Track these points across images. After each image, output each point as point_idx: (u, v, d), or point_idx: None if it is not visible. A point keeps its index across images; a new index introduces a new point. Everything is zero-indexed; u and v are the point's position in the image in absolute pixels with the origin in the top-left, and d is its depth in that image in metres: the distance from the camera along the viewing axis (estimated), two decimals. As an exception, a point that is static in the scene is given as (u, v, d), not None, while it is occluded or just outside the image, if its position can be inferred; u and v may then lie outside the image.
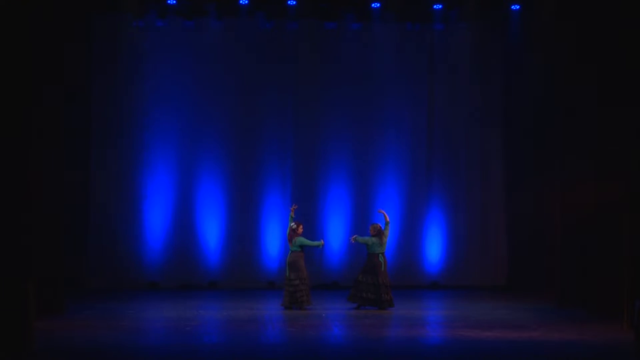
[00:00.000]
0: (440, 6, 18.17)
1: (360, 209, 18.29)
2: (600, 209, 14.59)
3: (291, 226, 14.98)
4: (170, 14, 17.95)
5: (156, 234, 18.02)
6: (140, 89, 18.01)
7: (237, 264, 18.11)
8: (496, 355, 11.07)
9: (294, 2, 17.85)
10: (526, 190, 18.10)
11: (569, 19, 15.42)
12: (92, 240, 17.84)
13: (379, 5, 18.07)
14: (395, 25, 18.40)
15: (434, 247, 18.52)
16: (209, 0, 17.86)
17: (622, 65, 13.71)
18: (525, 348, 11.50)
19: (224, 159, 18.17)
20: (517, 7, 18.05)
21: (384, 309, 14.83)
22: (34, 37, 12.02)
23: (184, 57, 18.11)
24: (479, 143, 18.63)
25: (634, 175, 13.20)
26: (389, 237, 15.24)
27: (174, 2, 17.79)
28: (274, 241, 18.09)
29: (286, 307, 14.85)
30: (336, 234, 18.25)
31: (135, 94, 18.00)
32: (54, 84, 13.94)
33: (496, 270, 18.61)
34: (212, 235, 18.12)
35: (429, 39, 18.57)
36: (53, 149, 13.94)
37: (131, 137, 18.01)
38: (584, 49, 15.01)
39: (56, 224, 14.09)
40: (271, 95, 18.25)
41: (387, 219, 15.15)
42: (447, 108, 18.60)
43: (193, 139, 18.11)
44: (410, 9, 18.23)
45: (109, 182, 17.92)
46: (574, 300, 15.17)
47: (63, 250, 14.41)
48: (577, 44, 15.18)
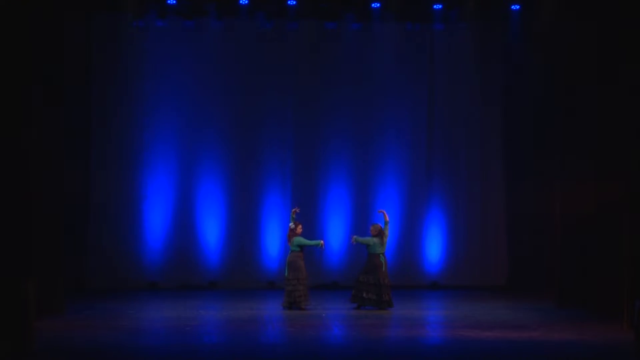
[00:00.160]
0: (440, 6, 18.15)
1: (360, 209, 18.28)
2: (600, 209, 14.59)
3: (290, 226, 15.00)
4: (170, 14, 17.94)
5: (156, 234, 18.01)
6: (140, 89, 18.01)
7: (237, 264, 18.11)
8: (496, 355, 11.07)
9: (294, 2, 17.84)
10: (526, 190, 18.10)
11: (569, 19, 15.42)
12: (92, 240, 17.83)
13: (379, 5, 18.06)
14: (395, 25, 18.39)
15: (434, 247, 18.51)
16: (209, 0, 17.85)
17: (622, 65, 13.70)
18: (525, 348, 11.50)
19: (224, 159, 18.17)
20: (517, 7, 18.04)
21: (383, 309, 14.83)
22: (34, 37, 12.02)
23: (184, 57, 18.10)
24: (479, 143, 18.63)
25: (634, 175, 13.20)
26: (388, 237, 15.25)
27: (174, 2, 17.78)
28: (274, 241, 18.08)
29: (286, 307, 14.85)
30: (336, 234, 18.25)
31: (135, 94, 17.99)
32: (54, 84, 13.94)
33: (496, 270, 18.60)
34: (212, 235, 18.12)
35: (429, 39, 18.56)
36: (53, 149, 13.94)
37: (131, 137, 18.00)
38: (584, 49, 15.01)
39: (56, 224, 14.09)
40: (271, 95, 18.24)
41: (387, 219, 15.15)
42: (447, 108, 18.59)
43: (193, 139, 18.10)
44: (410, 9, 18.22)
45: (109, 182, 17.91)
46: (574, 300, 15.17)
47: (63, 250, 14.41)
48: (577, 44, 15.18)
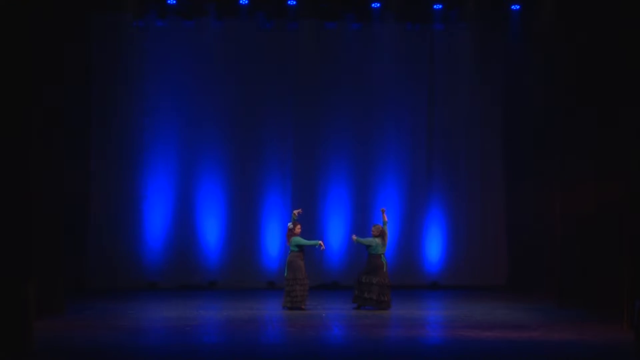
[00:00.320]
0: (440, 6, 18.17)
1: (360, 209, 18.29)
2: (600, 209, 14.59)
3: (288, 226, 15.01)
4: (170, 14, 17.95)
5: (156, 234, 18.02)
6: (140, 89, 18.02)
7: (237, 264, 18.11)
8: (496, 355, 11.07)
9: (294, 2, 17.85)
10: (526, 190, 18.10)
11: (569, 19, 15.42)
12: (92, 240, 17.84)
13: (379, 5, 18.07)
14: (395, 25, 18.40)
15: (434, 247, 18.52)
16: (209, 0, 17.86)
17: (622, 65, 13.70)
18: (525, 348, 11.49)
19: (224, 159, 18.18)
20: (517, 7, 18.05)
21: (383, 309, 14.83)
22: (34, 37, 12.01)
23: (184, 57, 18.11)
24: (479, 143, 18.63)
25: (634, 175, 13.19)
26: (388, 238, 15.24)
27: (174, 2, 17.79)
28: (274, 241, 18.08)
29: (286, 307, 14.85)
30: (336, 234, 18.25)
31: (135, 94, 18.00)
32: (54, 84, 13.94)
33: (496, 270, 18.61)
34: (212, 235, 18.12)
35: (429, 39, 18.57)
36: (53, 149, 13.94)
37: (131, 137, 18.01)
38: (583, 48, 15.00)
39: (56, 224, 14.09)
40: (271, 95, 18.25)
41: (385, 219, 15.14)
42: (447, 108, 18.60)
43: (193, 139, 18.11)
44: (410, 9, 18.24)
45: (109, 182, 17.92)
46: (574, 300, 15.17)
47: (63, 250, 14.41)
48: (577, 44, 15.17)
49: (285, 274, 14.92)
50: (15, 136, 11.53)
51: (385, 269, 14.96)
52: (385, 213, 15.21)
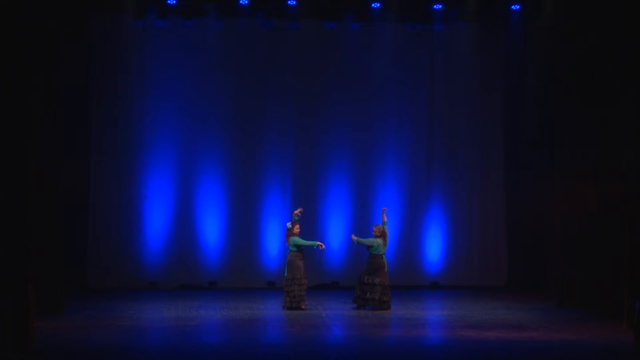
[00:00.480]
0: (440, 6, 18.15)
1: (360, 209, 18.30)
2: (600, 208, 14.58)
3: (287, 226, 15.02)
4: (170, 14, 17.94)
5: (156, 234, 18.02)
6: (140, 89, 18.01)
7: (237, 264, 18.11)
8: (496, 355, 11.06)
9: (294, 2, 17.84)
10: (526, 190, 18.10)
11: (569, 18, 15.41)
12: (92, 240, 17.84)
13: (379, 5, 18.06)
14: (395, 25, 18.40)
15: (434, 247, 18.52)
16: (209, 0, 17.85)
17: (622, 65, 13.70)
18: (525, 348, 11.49)
19: (224, 159, 18.18)
20: (517, 7, 18.03)
21: (384, 309, 14.82)
22: (33, 37, 12.00)
23: (183, 57, 18.10)
24: (479, 143, 18.64)
25: (634, 175, 13.19)
26: (388, 238, 15.24)
27: (174, 2, 17.79)
28: (274, 241, 18.08)
29: (286, 307, 14.85)
30: (336, 234, 18.25)
31: (135, 94, 18.00)
32: (54, 83, 13.93)
33: (496, 270, 18.62)
34: (212, 236, 18.12)
35: (429, 39, 18.57)
36: (53, 149, 13.93)
37: (131, 137, 18.01)
38: (584, 48, 15.00)
39: (56, 224, 14.08)
40: (271, 95, 18.24)
41: (385, 219, 15.13)
42: (447, 109, 18.60)
43: (193, 139, 18.11)
44: (410, 9, 18.23)
45: (109, 182, 17.93)
46: (574, 300, 15.17)
47: (63, 250, 14.41)
48: (578, 44, 15.17)
49: (285, 273, 14.94)
50: (15, 136, 11.52)
51: (386, 269, 14.96)
52: (385, 213, 15.21)
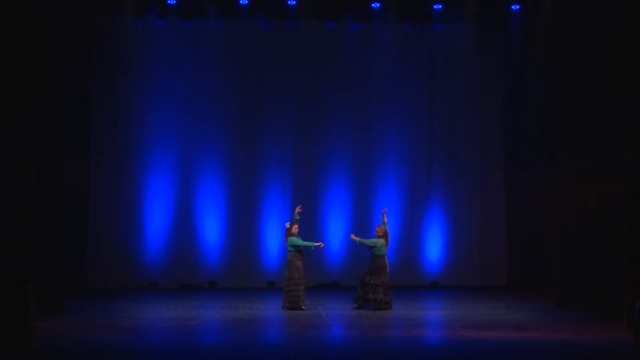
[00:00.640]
0: (440, 6, 18.15)
1: (360, 209, 18.29)
2: (600, 208, 14.58)
3: (286, 225, 15.02)
4: (170, 14, 17.93)
5: (156, 234, 18.02)
6: (140, 89, 18.01)
7: (237, 264, 18.11)
8: (496, 355, 11.06)
9: (294, 2, 17.84)
10: (526, 190, 18.10)
11: (569, 18, 15.41)
12: (92, 240, 17.84)
13: (379, 5, 18.06)
14: (395, 25, 18.39)
15: (434, 247, 18.51)
16: (209, 0, 17.85)
17: (622, 64, 13.70)
18: (525, 348, 11.49)
19: (224, 159, 18.18)
20: (517, 7, 18.03)
21: (386, 309, 14.82)
22: (33, 37, 12.00)
23: (183, 57, 18.10)
24: (479, 143, 18.64)
25: (634, 175, 13.19)
26: (389, 238, 15.24)
27: (174, 2, 17.78)
28: (274, 241, 18.07)
29: (286, 307, 14.85)
30: (336, 234, 18.25)
31: (135, 94, 18.00)
32: (54, 83, 13.93)
33: (496, 270, 18.61)
34: (212, 236, 18.12)
35: (429, 39, 18.56)
36: (53, 149, 13.93)
37: (131, 137, 18.01)
38: (584, 48, 15.00)
39: (56, 224, 14.08)
40: (271, 95, 18.24)
41: (385, 220, 15.13)
42: (447, 109, 18.60)
43: (193, 139, 18.11)
44: (410, 9, 18.22)
45: (109, 182, 17.93)
46: (574, 300, 15.17)
47: (63, 250, 14.40)
48: (578, 44, 15.17)
49: (285, 273, 14.94)
50: (15, 136, 11.52)
51: (387, 269, 14.97)
52: (385, 214, 15.20)
